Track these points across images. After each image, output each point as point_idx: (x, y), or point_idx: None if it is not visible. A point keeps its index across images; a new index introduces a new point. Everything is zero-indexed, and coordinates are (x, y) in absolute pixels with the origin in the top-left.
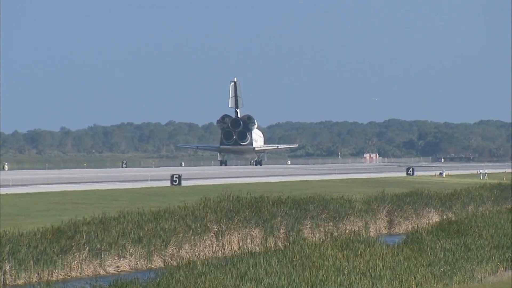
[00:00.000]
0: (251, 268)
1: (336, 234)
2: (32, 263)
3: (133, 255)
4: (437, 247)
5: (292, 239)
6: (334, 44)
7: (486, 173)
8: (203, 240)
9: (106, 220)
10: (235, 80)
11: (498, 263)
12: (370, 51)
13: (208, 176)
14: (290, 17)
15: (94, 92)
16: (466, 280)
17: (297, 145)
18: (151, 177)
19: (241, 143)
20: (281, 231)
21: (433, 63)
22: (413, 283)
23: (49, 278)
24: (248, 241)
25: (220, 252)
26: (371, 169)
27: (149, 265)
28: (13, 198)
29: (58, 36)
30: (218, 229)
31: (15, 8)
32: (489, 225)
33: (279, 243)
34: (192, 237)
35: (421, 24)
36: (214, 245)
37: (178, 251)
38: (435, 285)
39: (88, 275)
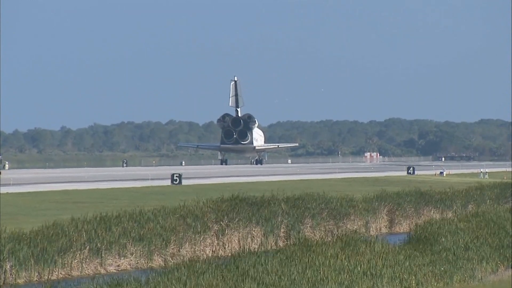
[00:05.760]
0: (251, 267)
1: (336, 233)
2: (32, 262)
3: (134, 254)
4: (438, 246)
5: (292, 238)
6: (335, 43)
7: (486, 172)
8: (203, 239)
9: (106, 219)
10: (236, 79)
11: (499, 262)
12: (370, 50)
13: (209, 175)
14: (291, 16)
15: (95, 91)
16: (466, 279)
17: (297, 144)
18: (151, 176)
19: (242, 142)
20: (282, 230)
21: (433, 62)
22: (413, 282)
23: (49, 277)
24: (249, 240)
25: (221, 251)
26: (372, 168)
27: (150, 264)
28: (13, 197)
29: (58, 35)
30: (218, 228)
31: (15, 8)
32: (489, 224)
33: (280, 242)
34: (193, 236)
35: (421, 24)
36: (215, 244)
37: (179, 250)
38: (435, 284)
39: (88, 274)
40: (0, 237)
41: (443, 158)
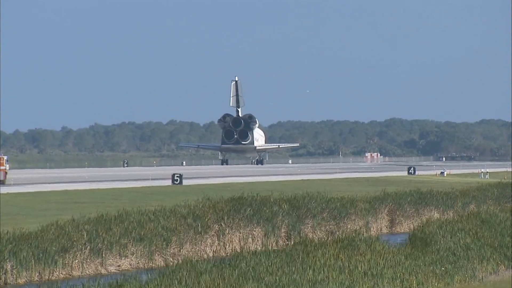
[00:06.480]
0: (252, 267)
1: (337, 233)
2: (33, 262)
3: (135, 254)
4: (439, 247)
5: (293, 238)
6: (335, 43)
7: (487, 172)
8: (204, 239)
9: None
10: (236, 79)
11: (499, 262)
12: (371, 50)
13: (209, 175)
14: (291, 16)
15: (95, 91)
16: (467, 279)
17: (298, 144)
18: (152, 176)
19: (242, 142)
20: (283, 230)
21: (434, 62)
22: (414, 282)
23: (50, 277)
24: (250, 240)
25: (222, 251)
26: (372, 168)
27: (150, 264)
28: (14, 197)
29: (59, 35)
30: (219, 228)
31: (15, 8)
32: (490, 225)
33: (281, 242)
34: (193, 236)
35: (421, 24)
36: (215, 244)
37: (179, 250)
38: (436, 284)
39: (89, 274)
40: (1, 238)
41: (443, 158)
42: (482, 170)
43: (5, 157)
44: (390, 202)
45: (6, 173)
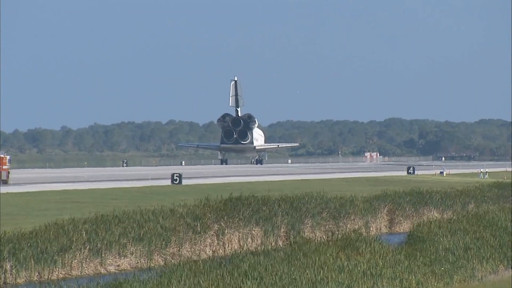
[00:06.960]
0: (251, 267)
1: (337, 233)
2: (32, 262)
3: (134, 254)
4: (438, 246)
5: (292, 238)
6: (335, 43)
7: (486, 172)
8: (203, 239)
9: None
10: (236, 79)
11: (499, 262)
12: (371, 50)
13: (209, 175)
14: (291, 16)
15: (95, 91)
16: (466, 279)
17: (297, 144)
18: (151, 176)
19: (242, 142)
20: (282, 230)
21: (433, 62)
22: (413, 282)
23: (49, 277)
24: (249, 240)
25: (221, 251)
26: (372, 168)
27: (150, 264)
28: (13, 197)
29: (59, 35)
30: (218, 228)
31: (15, 8)
32: (489, 224)
33: (280, 242)
34: (193, 236)
35: (421, 24)
36: (215, 244)
37: (179, 250)
38: (435, 284)
39: (88, 274)
40: (0, 237)
41: (443, 158)
42: (482, 170)
43: (8, 157)
44: (390, 201)
45: (8, 172)
